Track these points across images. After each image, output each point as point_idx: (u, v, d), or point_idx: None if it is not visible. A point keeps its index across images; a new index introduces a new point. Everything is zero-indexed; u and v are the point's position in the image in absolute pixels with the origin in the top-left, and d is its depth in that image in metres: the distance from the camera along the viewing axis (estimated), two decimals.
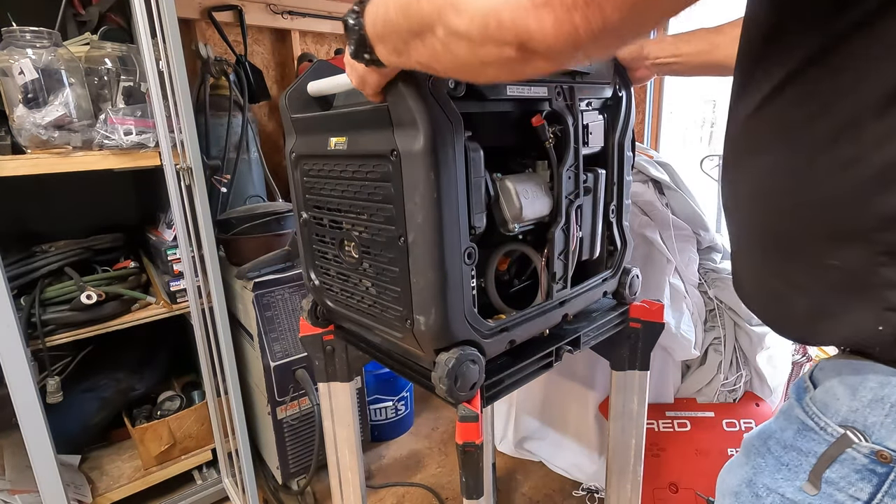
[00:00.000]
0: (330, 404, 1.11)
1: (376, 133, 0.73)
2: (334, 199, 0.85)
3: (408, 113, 0.67)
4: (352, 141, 0.78)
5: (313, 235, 0.94)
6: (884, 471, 0.47)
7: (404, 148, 0.68)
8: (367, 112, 0.74)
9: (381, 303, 0.82)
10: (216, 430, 1.60)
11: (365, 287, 0.85)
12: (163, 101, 1.26)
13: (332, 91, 0.88)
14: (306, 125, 0.89)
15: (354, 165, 0.78)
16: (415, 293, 0.74)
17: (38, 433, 1.23)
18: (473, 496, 0.80)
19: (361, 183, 0.78)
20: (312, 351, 1.06)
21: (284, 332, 1.58)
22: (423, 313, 0.73)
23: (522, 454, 1.85)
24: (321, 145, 0.84)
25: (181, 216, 1.33)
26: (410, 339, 0.78)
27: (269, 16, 2.19)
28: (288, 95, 0.90)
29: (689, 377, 1.68)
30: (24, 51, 1.17)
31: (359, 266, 0.84)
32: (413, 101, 0.66)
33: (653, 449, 1.58)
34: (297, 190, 0.94)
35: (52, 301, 1.35)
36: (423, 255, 0.71)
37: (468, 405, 0.77)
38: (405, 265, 0.74)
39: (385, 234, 0.76)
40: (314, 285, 0.98)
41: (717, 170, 4.15)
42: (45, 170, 1.20)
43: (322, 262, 0.94)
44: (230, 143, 1.91)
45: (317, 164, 0.87)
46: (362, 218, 0.80)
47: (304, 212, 0.94)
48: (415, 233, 0.71)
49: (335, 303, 0.95)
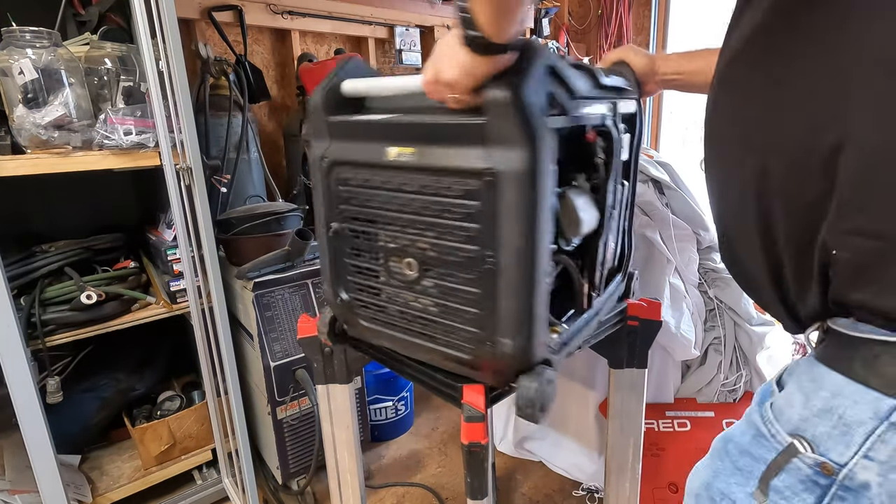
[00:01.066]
0: (329, 406, 1.10)
1: (462, 148, 0.68)
2: (387, 213, 0.78)
3: (512, 131, 0.63)
4: (424, 153, 0.72)
5: (347, 249, 0.87)
6: (826, 483, 0.47)
7: (504, 168, 0.64)
8: (452, 126, 0.69)
9: (446, 323, 0.77)
10: (216, 430, 1.60)
11: (422, 306, 0.80)
12: (163, 101, 1.26)
13: (389, 93, 0.82)
14: (350, 130, 0.81)
15: (424, 179, 0.72)
16: (502, 316, 0.70)
17: (38, 433, 1.23)
18: (478, 496, 0.80)
19: (433, 199, 0.72)
20: (311, 353, 1.06)
21: (284, 332, 1.58)
22: (509, 336, 0.71)
23: (522, 454, 1.85)
24: (373, 154, 0.77)
25: (181, 216, 1.33)
26: (486, 361, 0.75)
27: (269, 16, 2.19)
28: (325, 95, 0.82)
29: (689, 377, 1.69)
30: (23, 51, 1.17)
31: (415, 285, 0.79)
32: (520, 119, 0.62)
33: (653, 449, 1.58)
34: (328, 199, 0.86)
35: (52, 301, 1.35)
36: (516, 278, 0.68)
37: (473, 405, 0.77)
38: (490, 287, 0.70)
39: (461, 254, 0.72)
40: (341, 301, 0.91)
41: None
42: (45, 170, 1.20)
43: (358, 278, 0.87)
44: (230, 143, 1.91)
45: (363, 174, 0.79)
46: (428, 235, 0.75)
47: (334, 223, 0.86)
48: (508, 256, 0.67)
49: (370, 321, 0.89)
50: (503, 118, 0.63)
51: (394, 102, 0.81)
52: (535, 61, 0.64)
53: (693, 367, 1.69)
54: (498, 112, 0.63)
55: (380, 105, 0.83)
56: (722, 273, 1.65)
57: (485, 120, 0.65)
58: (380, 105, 0.83)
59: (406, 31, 2.65)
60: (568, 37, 3.58)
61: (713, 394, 1.65)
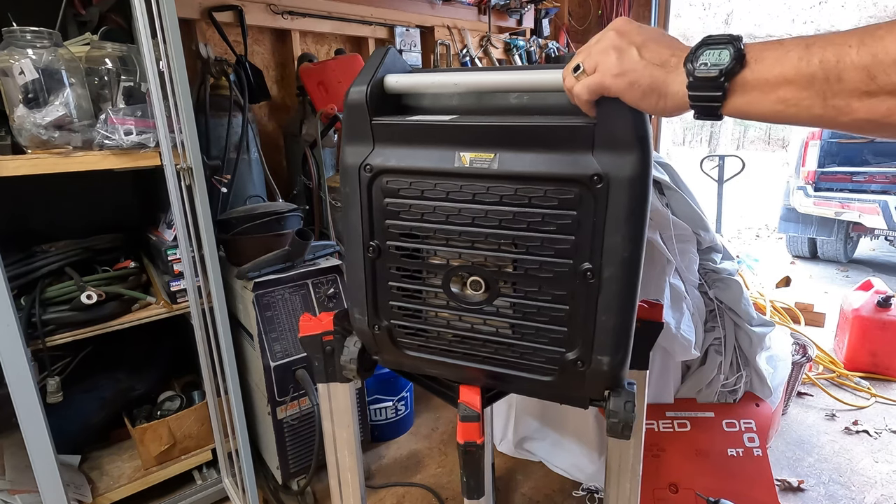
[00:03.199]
0: (329, 405, 1.10)
1: (561, 153, 0.63)
2: (452, 228, 0.70)
3: (626, 132, 0.59)
4: (508, 159, 0.65)
5: (391, 271, 0.76)
6: None
7: (615, 173, 0.60)
8: (554, 129, 0.63)
9: (524, 345, 0.72)
10: (216, 430, 1.60)
11: (492, 329, 0.74)
12: (163, 101, 1.26)
13: (460, 89, 0.72)
14: (406, 133, 0.71)
15: (506, 188, 0.66)
16: (600, 332, 0.67)
17: (38, 433, 1.23)
18: (474, 496, 0.80)
19: (519, 210, 0.66)
20: (312, 352, 1.06)
21: (284, 332, 1.58)
22: (607, 353, 0.67)
23: (522, 454, 1.85)
24: (438, 160, 0.68)
25: (181, 216, 1.33)
26: (571, 382, 0.71)
27: (270, 16, 2.19)
28: (370, 91, 0.71)
29: (689, 378, 1.69)
30: (24, 51, 1.17)
31: (484, 305, 0.72)
32: (635, 122, 0.59)
33: (653, 449, 1.58)
34: (369, 214, 0.74)
35: (53, 301, 1.35)
36: (620, 292, 0.64)
37: (469, 405, 0.77)
38: (587, 303, 0.66)
39: (552, 269, 0.67)
40: (381, 327, 0.80)
41: (717, 170, 4.14)
42: (46, 170, 1.20)
43: (405, 302, 0.77)
44: (230, 143, 1.91)
45: (421, 184, 0.70)
46: (508, 250, 0.69)
47: (374, 240, 0.75)
48: (614, 268, 0.63)
49: (418, 349, 0.80)
50: (619, 120, 0.59)
51: (443, 101, 0.74)
52: None
53: (693, 367, 1.69)
54: (614, 114, 0.59)
55: (428, 104, 0.75)
56: (722, 273, 1.65)
57: (595, 122, 0.60)
58: (428, 104, 0.75)
59: (406, 32, 2.65)
60: (568, 37, 3.58)
61: (713, 394, 1.65)
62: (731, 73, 0.51)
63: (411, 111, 0.77)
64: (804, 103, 0.49)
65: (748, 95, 0.51)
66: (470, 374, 0.80)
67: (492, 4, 3.00)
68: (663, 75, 0.54)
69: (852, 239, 4.53)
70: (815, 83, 0.48)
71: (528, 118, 0.66)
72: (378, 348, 0.84)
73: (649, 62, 0.55)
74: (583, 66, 0.58)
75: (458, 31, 2.91)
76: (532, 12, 3.28)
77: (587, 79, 0.58)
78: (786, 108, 0.50)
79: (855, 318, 2.49)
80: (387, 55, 0.74)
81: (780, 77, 0.49)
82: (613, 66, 0.56)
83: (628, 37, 0.56)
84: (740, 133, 21.45)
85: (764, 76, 0.50)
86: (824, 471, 1.83)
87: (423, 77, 0.73)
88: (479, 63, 3.02)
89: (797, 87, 0.49)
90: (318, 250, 1.75)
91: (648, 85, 0.55)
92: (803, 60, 0.48)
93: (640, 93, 0.56)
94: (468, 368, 0.78)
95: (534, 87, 0.68)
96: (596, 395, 0.73)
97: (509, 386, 0.81)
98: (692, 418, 1.63)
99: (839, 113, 0.48)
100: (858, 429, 2.06)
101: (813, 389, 2.36)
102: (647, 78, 0.55)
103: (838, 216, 4.12)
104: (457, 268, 0.72)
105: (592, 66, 0.57)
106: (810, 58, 0.48)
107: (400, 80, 0.73)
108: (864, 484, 1.76)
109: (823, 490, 1.74)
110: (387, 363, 0.86)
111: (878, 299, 2.44)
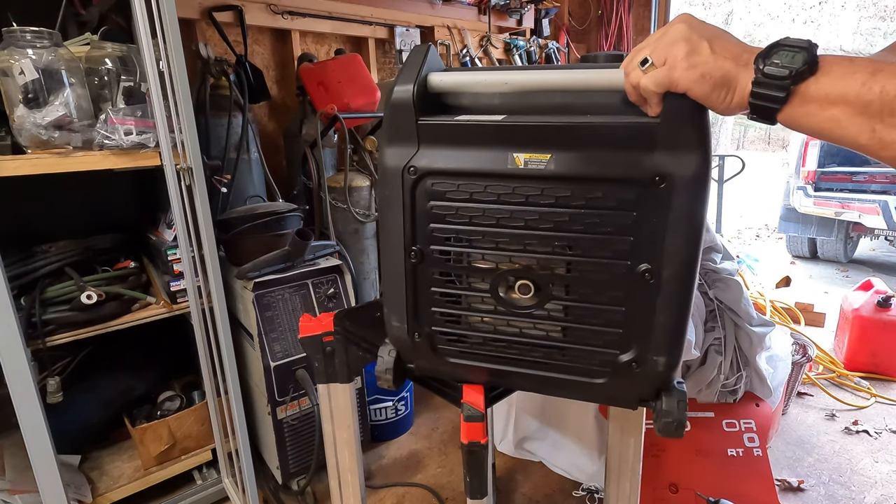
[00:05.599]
0: (329, 405, 1.10)
1: (622, 153, 0.62)
2: (504, 231, 0.68)
3: (689, 132, 0.59)
4: (565, 160, 0.64)
5: (434, 276, 0.74)
6: None
7: (678, 173, 0.59)
8: (616, 128, 0.62)
9: (576, 348, 0.71)
10: (216, 430, 1.60)
11: (543, 333, 0.72)
12: (163, 101, 1.26)
13: (512, 89, 0.70)
14: (455, 134, 0.68)
15: (562, 190, 0.64)
16: (658, 332, 0.66)
17: (38, 433, 1.23)
18: (477, 496, 0.80)
19: (576, 211, 0.64)
20: (312, 352, 1.06)
21: (284, 332, 1.58)
22: (664, 353, 0.67)
23: (522, 454, 1.85)
24: (490, 162, 0.66)
25: (181, 216, 1.33)
26: (624, 383, 0.71)
27: (270, 16, 2.19)
28: (417, 90, 0.68)
29: (689, 378, 1.68)
30: (24, 51, 1.17)
31: (534, 309, 0.71)
32: (699, 121, 0.58)
33: (653, 449, 1.58)
34: (412, 218, 0.72)
35: (53, 301, 1.35)
36: (679, 291, 0.64)
37: (473, 404, 0.77)
38: (644, 304, 0.65)
39: (609, 270, 0.66)
40: (422, 335, 0.77)
41: (717, 170, 4.14)
42: (46, 170, 1.20)
43: (448, 308, 0.75)
44: (230, 143, 1.91)
45: (471, 186, 0.68)
46: (562, 252, 0.68)
47: (417, 245, 0.72)
48: (673, 268, 0.63)
49: (460, 356, 0.78)
50: (685, 117, 0.58)
51: (484, 100, 0.72)
52: None
53: (693, 367, 1.68)
54: (681, 111, 0.58)
55: (468, 103, 0.74)
56: (722, 273, 1.65)
57: (657, 121, 0.60)
58: (468, 103, 0.74)
59: (406, 32, 2.65)
60: (568, 37, 3.58)
61: (713, 394, 1.65)
62: (800, 76, 0.50)
63: (451, 110, 0.74)
64: (853, 129, 0.49)
65: (807, 107, 0.51)
66: (514, 380, 0.78)
67: (492, 4, 3.00)
68: (735, 69, 0.54)
69: (852, 239, 4.53)
70: (869, 110, 0.48)
71: (583, 118, 0.65)
72: (416, 356, 0.81)
73: (720, 55, 0.54)
74: (651, 58, 0.57)
75: (458, 31, 2.91)
76: (532, 12, 3.29)
77: (655, 72, 0.56)
78: (835, 128, 0.50)
79: (855, 318, 2.49)
80: (429, 53, 0.72)
81: (839, 95, 0.49)
82: (684, 59, 0.55)
83: (698, 30, 0.55)
84: (740, 133, 21.45)
85: (825, 90, 0.50)
86: (824, 471, 1.83)
87: (470, 76, 0.71)
88: (479, 63, 3.03)
89: (852, 110, 0.49)
90: (318, 250, 1.75)
91: (721, 77, 0.54)
92: (866, 86, 0.48)
93: (711, 86, 0.54)
94: (514, 374, 0.76)
95: (589, 86, 0.67)
96: (647, 395, 0.72)
97: (557, 390, 0.79)
98: (692, 418, 1.63)
99: (882, 146, 0.48)
100: (858, 429, 2.07)
101: (813, 389, 2.36)
102: (719, 70, 0.54)
103: (838, 216, 4.13)
104: (507, 272, 0.70)
105: (661, 59, 0.56)
106: (872, 84, 0.48)
107: (444, 79, 0.70)
108: (864, 484, 1.77)
109: (823, 490, 1.74)
110: (422, 370, 0.84)
111: (878, 299, 2.44)
